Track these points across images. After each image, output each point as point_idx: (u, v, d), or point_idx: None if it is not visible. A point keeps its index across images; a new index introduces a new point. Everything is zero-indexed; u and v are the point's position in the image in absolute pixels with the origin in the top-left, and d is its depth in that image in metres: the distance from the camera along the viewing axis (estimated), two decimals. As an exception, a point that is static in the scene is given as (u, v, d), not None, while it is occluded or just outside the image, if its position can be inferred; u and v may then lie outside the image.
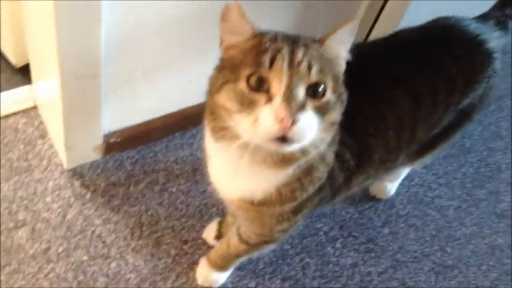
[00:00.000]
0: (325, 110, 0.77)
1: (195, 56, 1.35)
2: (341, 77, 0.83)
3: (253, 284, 1.38)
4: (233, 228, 1.20)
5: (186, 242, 1.39)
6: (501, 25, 1.12)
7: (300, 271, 1.43)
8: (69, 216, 1.36)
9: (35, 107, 1.50)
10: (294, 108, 0.72)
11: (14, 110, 1.48)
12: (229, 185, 0.96)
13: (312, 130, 0.75)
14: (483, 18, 1.14)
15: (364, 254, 1.50)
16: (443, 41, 1.07)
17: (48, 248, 1.31)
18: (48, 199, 1.37)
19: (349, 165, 0.98)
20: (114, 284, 1.29)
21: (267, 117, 0.72)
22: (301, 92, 0.74)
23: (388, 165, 1.11)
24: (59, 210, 1.36)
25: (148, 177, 1.46)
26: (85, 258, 1.31)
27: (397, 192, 1.61)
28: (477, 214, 1.66)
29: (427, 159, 1.31)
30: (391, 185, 1.58)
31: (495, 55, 1.08)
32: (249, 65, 0.76)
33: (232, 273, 1.36)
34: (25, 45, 1.42)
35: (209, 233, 1.40)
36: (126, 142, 1.45)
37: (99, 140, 1.39)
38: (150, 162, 1.48)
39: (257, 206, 0.95)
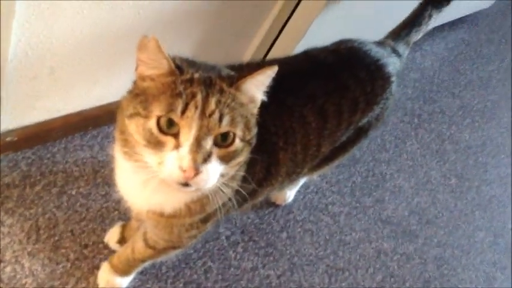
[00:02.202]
0: (231, 157, 0.86)
1: (103, 58, 1.39)
2: (253, 120, 0.89)
3: (155, 288, 1.44)
4: (138, 233, 1.26)
5: (86, 246, 1.42)
6: (396, 52, 1.30)
7: (202, 275, 1.52)
8: (-44, 219, 1.32)
9: None
10: (199, 160, 0.79)
11: None
12: (137, 198, 1.01)
13: (214, 178, 0.83)
14: (381, 44, 1.30)
15: (263, 258, 1.63)
16: (349, 63, 1.21)
17: None
18: None
19: (258, 177, 1.09)
20: (9, 290, 1.29)
21: (172, 165, 0.79)
22: (208, 143, 0.80)
23: (293, 177, 1.23)
24: None
25: (45, 179, 1.46)
26: (-24, 262, 1.29)
27: (295, 199, 1.78)
28: (365, 220, 1.88)
29: (325, 170, 1.48)
30: (289, 193, 1.74)
31: (392, 79, 1.25)
32: (161, 106, 0.79)
33: (134, 277, 1.41)
34: None
35: (111, 236, 1.44)
36: (23, 141, 1.45)
37: (-8, 139, 1.38)
38: (48, 163, 1.49)
39: (167, 218, 1.02)
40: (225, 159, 0.84)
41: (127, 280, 1.40)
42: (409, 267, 1.86)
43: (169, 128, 0.79)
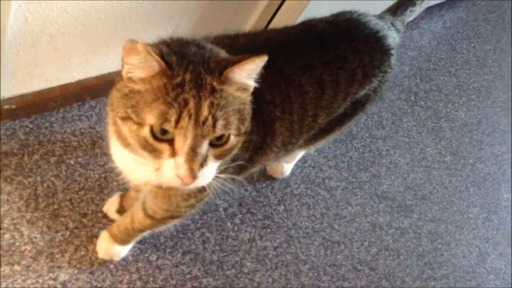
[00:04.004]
0: (227, 153, 0.87)
1: (103, 27, 1.39)
2: (248, 107, 0.88)
3: (154, 257, 1.46)
4: (137, 203, 1.26)
5: (85, 215, 1.43)
6: (395, 26, 1.31)
7: (200, 245, 1.54)
8: (-45, 186, 1.33)
9: None
10: (195, 168, 0.80)
11: None
12: (134, 171, 1.00)
13: (211, 175, 0.86)
14: (380, 17, 1.30)
15: (260, 230, 1.65)
16: (347, 34, 1.21)
17: None
18: None
19: (254, 146, 1.10)
20: (8, 256, 1.30)
21: (170, 173, 0.81)
22: (204, 148, 0.81)
23: (289, 147, 1.24)
24: None
25: (43, 148, 1.47)
26: (-24, 229, 1.30)
27: (292, 173, 1.80)
28: (361, 195, 1.90)
29: (322, 143, 1.49)
30: (287, 166, 1.76)
31: (392, 51, 1.25)
32: (154, 114, 0.78)
33: (133, 247, 1.43)
34: None
35: (110, 206, 1.45)
36: (21, 110, 1.45)
37: (-9, 106, 1.38)
38: (46, 132, 1.49)
39: (165, 189, 1.02)
40: (221, 156, 0.86)
41: (126, 249, 1.41)
42: (404, 241, 1.89)
43: (163, 134, 0.80)
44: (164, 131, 0.79)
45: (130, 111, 0.81)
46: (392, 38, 1.26)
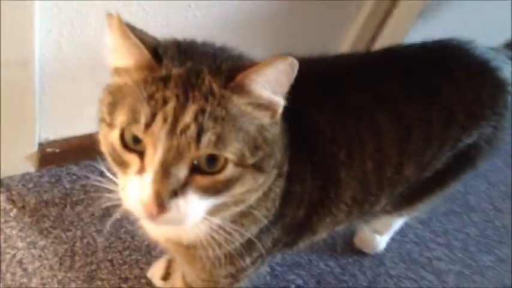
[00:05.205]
0: (221, 188, 0.64)
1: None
2: (268, 134, 0.66)
3: None
4: (179, 270, 1.09)
5: (126, 279, 1.25)
6: None
7: (263, 330, 1.28)
8: (-15, 234, 1.23)
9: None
10: (164, 193, 0.60)
11: None
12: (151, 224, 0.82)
13: (194, 215, 0.64)
14: (492, 48, 1.05)
15: (343, 317, 1.36)
16: (444, 62, 0.98)
17: (-48, 271, 1.17)
18: (-36, 213, 1.25)
19: (311, 200, 0.87)
20: (29, 321, 1.14)
21: (133, 195, 0.61)
22: (181, 170, 0.60)
23: (365, 208, 0.98)
24: (-26, 225, 1.23)
25: (89, 199, 1.34)
26: (-2, 286, 1.17)
27: (388, 248, 1.50)
28: (483, 284, 1.53)
29: (418, 209, 1.19)
30: (379, 238, 1.46)
31: (509, 88, 0.98)
32: (125, 113, 0.62)
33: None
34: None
35: (156, 271, 1.27)
36: (67, 154, 1.35)
37: (32, 148, 1.29)
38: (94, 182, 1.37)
39: (187, 249, 0.83)
40: (211, 190, 0.63)
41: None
42: None
43: (135, 143, 0.62)
44: (137, 140, 0.61)
45: (105, 109, 0.65)
46: (508, 71, 0.99)
